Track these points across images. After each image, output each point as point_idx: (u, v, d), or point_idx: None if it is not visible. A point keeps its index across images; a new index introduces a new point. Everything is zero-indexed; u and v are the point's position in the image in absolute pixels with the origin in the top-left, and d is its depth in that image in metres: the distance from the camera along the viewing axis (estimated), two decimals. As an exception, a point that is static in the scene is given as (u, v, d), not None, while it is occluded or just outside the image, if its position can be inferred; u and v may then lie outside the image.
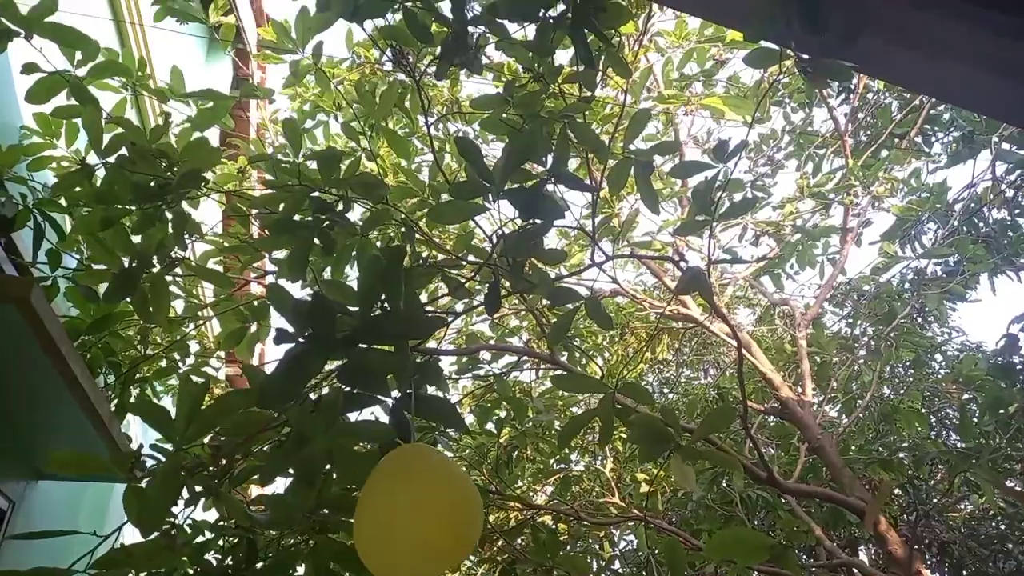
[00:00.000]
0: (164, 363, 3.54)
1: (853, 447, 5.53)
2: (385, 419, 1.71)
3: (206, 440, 1.59)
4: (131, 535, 1.32)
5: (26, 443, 3.26)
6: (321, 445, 1.63)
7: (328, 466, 1.74)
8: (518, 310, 6.14)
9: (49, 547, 1.71)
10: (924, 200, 4.80)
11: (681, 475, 1.75)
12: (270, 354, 7.51)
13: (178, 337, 3.47)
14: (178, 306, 3.46)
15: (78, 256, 3.03)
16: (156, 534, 1.24)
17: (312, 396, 1.65)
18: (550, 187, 2.17)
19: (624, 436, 6.56)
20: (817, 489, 3.26)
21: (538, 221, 2.08)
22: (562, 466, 5.88)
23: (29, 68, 2.42)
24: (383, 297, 1.68)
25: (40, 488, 3.73)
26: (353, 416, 1.73)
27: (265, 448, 1.76)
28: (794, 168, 5.58)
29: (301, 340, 1.50)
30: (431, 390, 1.80)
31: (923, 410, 6.52)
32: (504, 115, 2.48)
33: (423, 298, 3.18)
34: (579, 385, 2.12)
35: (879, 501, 2.63)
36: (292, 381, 1.45)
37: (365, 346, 1.58)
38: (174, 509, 1.35)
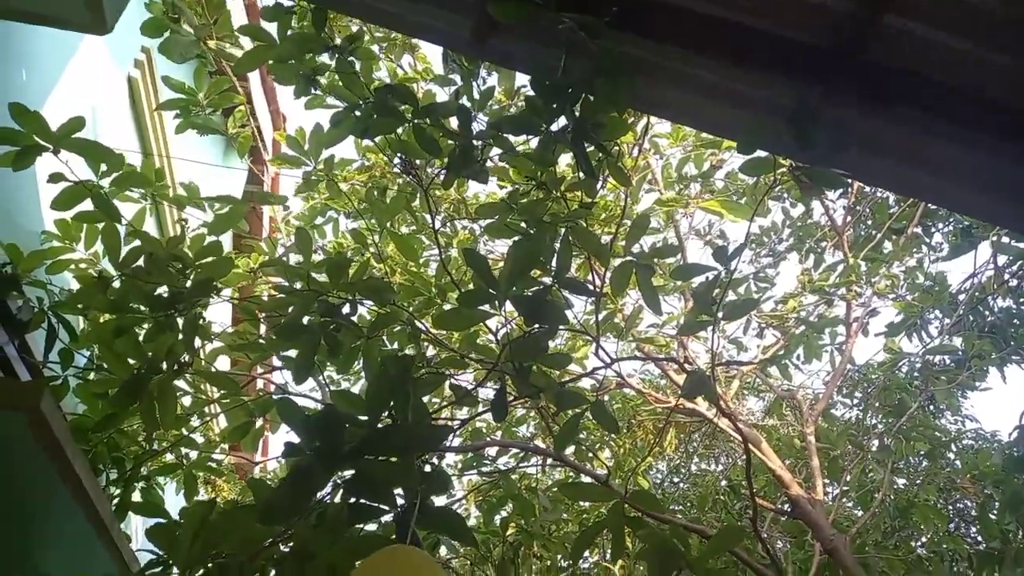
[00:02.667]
0: (169, 456, 3.51)
1: (869, 543, 5.36)
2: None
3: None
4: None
5: (22, 546, 3.20)
6: (325, 560, 1.61)
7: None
8: (524, 402, 6.11)
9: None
10: (927, 293, 4.84)
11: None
12: (274, 444, 7.43)
13: (184, 432, 3.47)
14: (185, 401, 3.46)
15: (88, 353, 3.07)
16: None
17: (317, 508, 1.65)
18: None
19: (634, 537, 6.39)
20: (833, 596, 3.15)
21: (542, 326, 2.12)
22: (569, 564, 5.70)
23: (55, 178, 2.53)
24: (391, 406, 1.70)
25: (37, 591, 3.63)
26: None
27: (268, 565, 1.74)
28: (796, 260, 5.66)
29: (308, 452, 1.52)
30: (438, 500, 1.79)
31: (940, 503, 6.35)
32: (508, 220, 2.56)
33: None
34: (586, 493, 2.10)
35: None
36: (298, 497, 1.46)
37: (372, 457, 1.59)
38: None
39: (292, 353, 2.56)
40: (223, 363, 4.06)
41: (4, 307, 2.73)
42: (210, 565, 1.49)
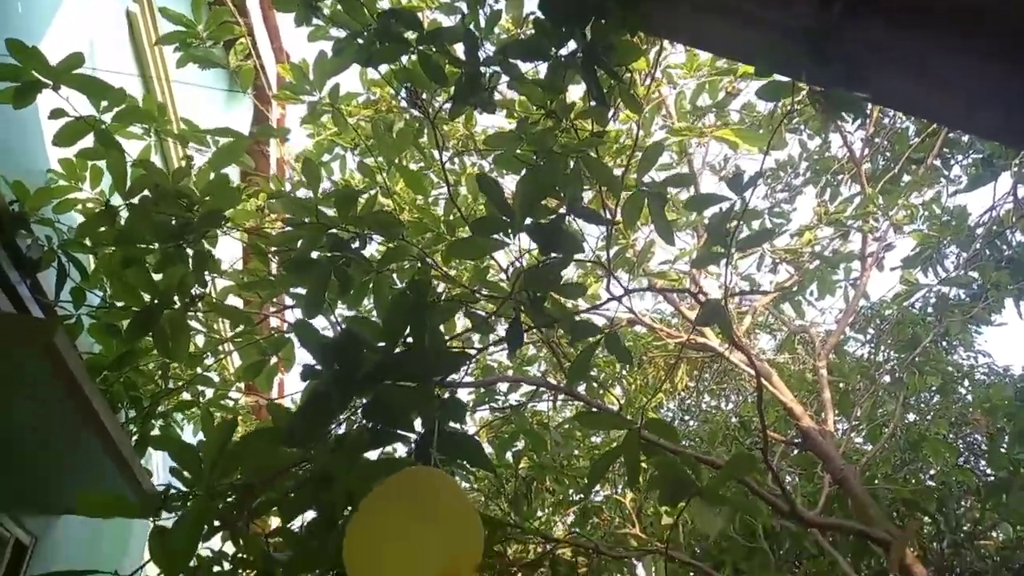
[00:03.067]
0: (186, 395, 3.56)
1: (879, 476, 5.42)
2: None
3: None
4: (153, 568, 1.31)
5: (48, 480, 3.28)
6: (344, 485, 1.63)
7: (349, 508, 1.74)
8: (535, 340, 6.13)
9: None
10: (945, 225, 4.76)
11: (703, 520, 1.72)
12: (289, 385, 7.53)
13: (199, 371, 3.50)
14: (198, 340, 3.49)
15: (101, 293, 3.08)
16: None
17: (335, 434, 1.66)
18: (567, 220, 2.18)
19: (646, 466, 6.50)
20: (841, 522, 3.19)
21: (557, 256, 2.09)
22: (581, 497, 5.81)
23: (56, 113, 2.49)
24: (407, 332, 1.69)
25: (62, 522, 3.74)
26: (375, 453, 1.74)
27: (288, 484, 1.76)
28: (813, 195, 5.55)
29: (327, 377, 1.51)
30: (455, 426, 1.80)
31: (950, 437, 6.39)
32: (518, 151, 2.50)
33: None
34: (602, 422, 2.11)
35: (903, 543, 2.57)
36: (317, 420, 1.46)
37: (389, 382, 1.59)
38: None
39: (303, 292, 2.56)
40: (234, 304, 4.06)
41: (14, 246, 2.72)
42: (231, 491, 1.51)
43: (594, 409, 3.78)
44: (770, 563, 4.82)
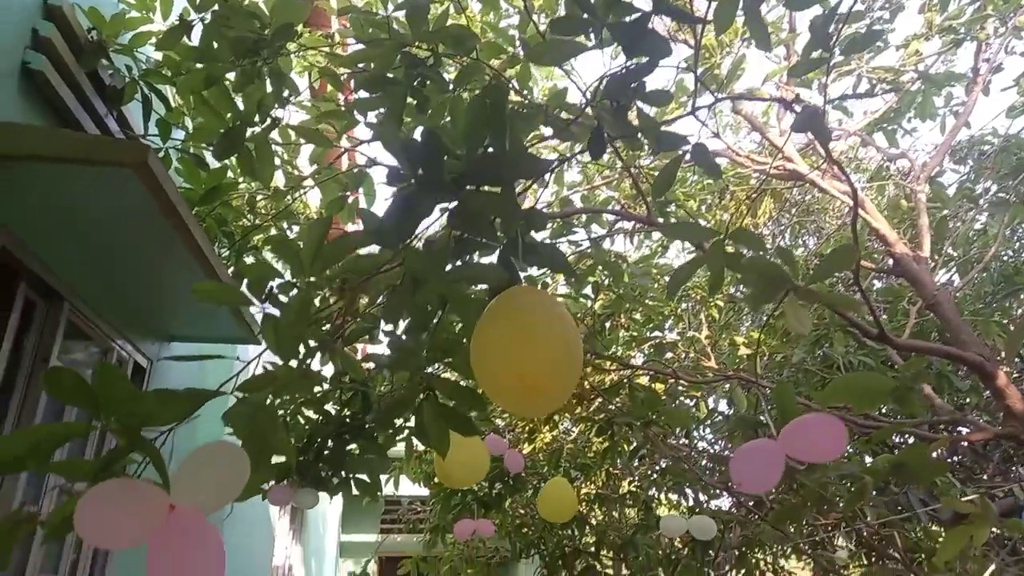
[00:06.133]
0: (273, 232, 3.69)
1: (966, 311, 5.25)
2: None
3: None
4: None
5: (157, 307, 3.53)
6: (435, 288, 1.67)
7: (437, 318, 1.80)
8: (609, 181, 6.00)
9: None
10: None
11: (796, 317, 1.69)
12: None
13: (283, 207, 3.60)
14: (279, 180, 3.56)
15: (184, 130, 3.13)
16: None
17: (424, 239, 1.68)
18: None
19: (719, 304, 6.49)
20: (932, 345, 3.12)
21: (643, 60, 1.96)
22: (656, 334, 5.91)
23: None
24: (487, 141, 1.65)
25: (172, 349, 4.08)
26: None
27: (381, 299, 1.82)
28: (916, 10, 4.97)
29: (412, 181, 1.51)
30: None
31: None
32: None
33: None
34: (689, 232, 2.05)
35: (1017, 335, 2.49)
36: (405, 221, 1.47)
37: (472, 188, 1.57)
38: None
39: (379, 116, 2.52)
40: (307, 151, 4.08)
41: (97, 78, 2.76)
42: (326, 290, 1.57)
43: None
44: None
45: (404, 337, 1.83)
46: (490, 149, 1.66)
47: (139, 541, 0.90)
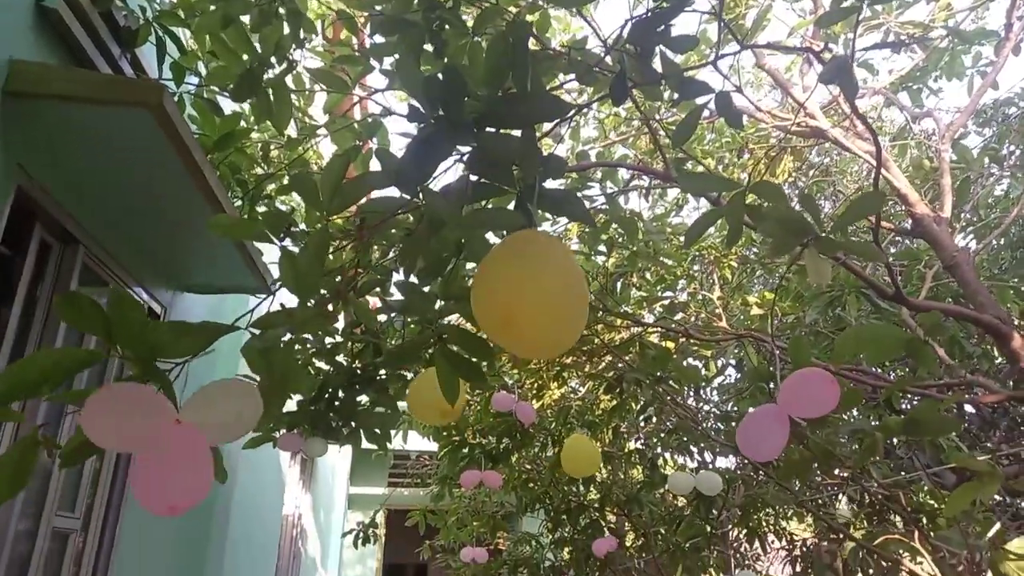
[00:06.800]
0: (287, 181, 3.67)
1: (983, 277, 5.19)
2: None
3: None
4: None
5: (170, 254, 3.53)
6: (453, 231, 1.66)
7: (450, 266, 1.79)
8: (625, 138, 5.92)
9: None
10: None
11: (816, 269, 1.67)
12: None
13: (296, 156, 3.57)
14: (292, 130, 3.52)
15: (198, 75, 3.09)
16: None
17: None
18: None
19: (733, 265, 6.45)
20: (947, 306, 3.09)
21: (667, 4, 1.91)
22: (668, 293, 5.89)
23: None
24: (509, 81, 1.62)
25: (186, 298, 4.09)
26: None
27: (393, 251, 1.82)
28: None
29: (432, 121, 1.48)
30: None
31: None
32: None
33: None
34: (707, 184, 2.02)
35: None
36: (424, 162, 1.45)
37: (492, 131, 1.55)
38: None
39: (395, 61, 2.47)
40: (321, 100, 4.02)
41: (111, 19, 2.72)
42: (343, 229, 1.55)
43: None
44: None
45: (417, 283, 1.82)
46: (512, 90, 1.63)
47: (141, 447, 0.91)
